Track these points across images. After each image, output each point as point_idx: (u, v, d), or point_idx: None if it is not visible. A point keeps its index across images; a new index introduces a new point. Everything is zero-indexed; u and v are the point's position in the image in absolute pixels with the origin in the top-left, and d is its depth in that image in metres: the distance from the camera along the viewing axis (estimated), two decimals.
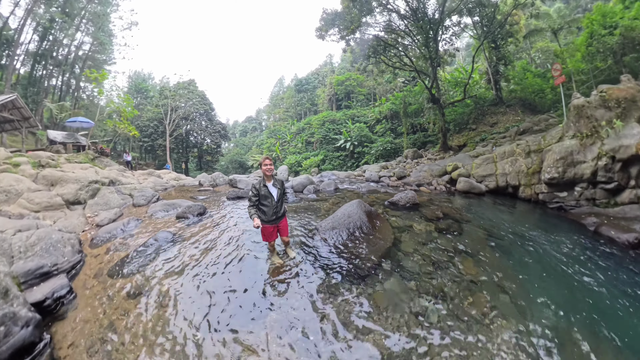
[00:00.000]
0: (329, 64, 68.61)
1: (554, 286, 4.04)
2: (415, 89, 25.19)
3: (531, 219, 7.43)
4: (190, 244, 5.20)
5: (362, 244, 4.72)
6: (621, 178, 6.94)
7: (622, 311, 3.55)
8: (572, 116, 9.03)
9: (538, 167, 9.03)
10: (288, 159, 35.79)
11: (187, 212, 6.77)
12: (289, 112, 64.67)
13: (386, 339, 2.89)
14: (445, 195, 9.92)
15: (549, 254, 4.99)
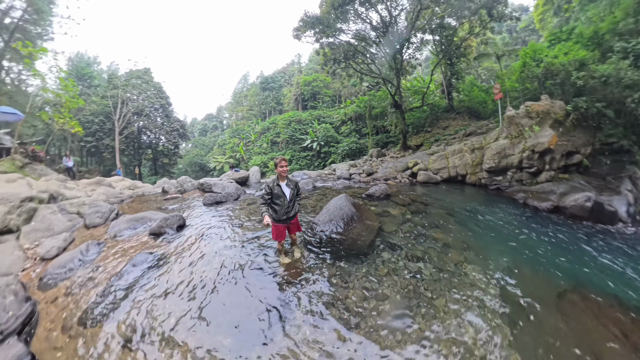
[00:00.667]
0: (297, 64, 68.40)
1: (499, 240, 5.81)
2: (378, 94, 27.48)
3: (477, 198, 9.55)
4: (180, 265, 4.40)
5: (356, 229, 5.38)
6: (539, 164, 9.59)
7: (544, 249, 5.49)
8: (506, 123, 11.52)
9: (480, 160, 11.36)
10: (253, 159, 34.97)
11: (163, 225, 5.79)
12: (253, 111, 63.38)
13: (398, 295, 3.61)
14: (409, 186, 11.65)
15: (493, 221, 6.90)
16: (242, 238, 5.29)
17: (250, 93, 68.03)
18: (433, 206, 7.71)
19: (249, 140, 43.86)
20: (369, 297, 3.57)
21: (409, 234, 5.58)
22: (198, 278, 4.04)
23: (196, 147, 66.28)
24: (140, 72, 41.03)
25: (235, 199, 8.77)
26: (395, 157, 18.88)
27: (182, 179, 12.07)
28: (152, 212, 7.00)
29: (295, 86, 50.70)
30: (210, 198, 8.39)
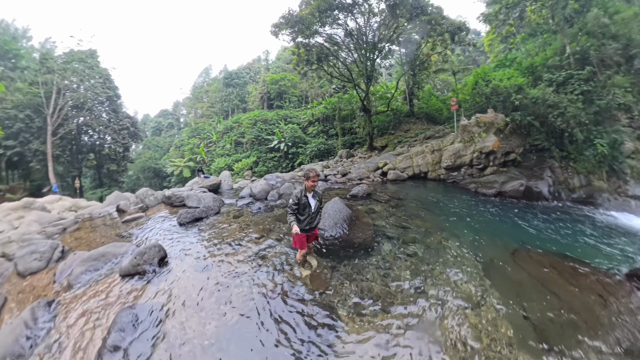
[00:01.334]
0: (264, 61, 66.97)
1: (462, 221, 7.50)
2: (345, 97, 29.20)
3: (439, 190, 11.49)
4: (186, 321, 3.39)
5: (358, 228, 6.01)
6: (485, 162, 12.17)
7: (494, 223, 7.45)
8: (460, 130, 13.75)
9: (439, 159, 13.49)
10: (216, 162, 32.97)
11: (139, 262, 4.44)
12: (214, 108, 60.63)
13: (408, 272, 4.50)
14: (381, 184, 13.10)
15: (454, 207, 8.72)
16: (248, 261, 4.74)
17: (212, 88, 65.06)
18: (407, 200, 9.14)
19: (210, 140, 41.25)
20: (388, 281, 4.28)
21: (397, 225, 6.59)
22: (226, 335, 3.18)
23: (149, 149, 59.09)
24: (84, 55, 33.41)
25: (216, 212, 7.68)
26: (363, 158, 20.48)
27: (142, 192, 9.96)
28: (114, 243, 5.44)
29: (262, 84, 49.83)
30: (187, 215, 7.09)
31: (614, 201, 10.15)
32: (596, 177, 11.20)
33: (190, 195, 8.82)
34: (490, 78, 14.95)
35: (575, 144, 11.88)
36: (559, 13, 14.44)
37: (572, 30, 14.40)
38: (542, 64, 15.05)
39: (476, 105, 15.63)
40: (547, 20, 15.35)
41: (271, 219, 6.93)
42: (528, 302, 3.89)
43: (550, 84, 13.46)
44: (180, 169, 39.28)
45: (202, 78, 78.33)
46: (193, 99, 71.98)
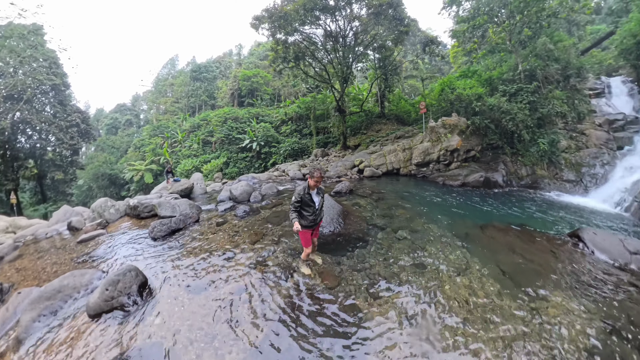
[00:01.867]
0: (237, 55, 64.27)
1: (436, 207, 8.71)
2: (319, 97, 30.09)
3: (411, 184, 12.84)
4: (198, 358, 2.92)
5: (352, 222, 6.59)
6: (450, 158, 13.91)
7: (462, 207, 8.76)
8: (429, 131, 15.27)
9: (410, 157, 14.92)
10: (182, 163, 30.84)
11: (113, 295, 3.64)
12: (180, 104, 57.14)
13: (403, 254, 5.18)
14: (359, 181, 14.09)
15: (427, 197, 10.04)
16: (248, 272, 4.45)
17: (177, 82, 60.93)
18: (386, 194, 10.20)
19: (174, 139, 38.27)
20: (390, 263, 4.87)
21: (383, 215, 7.36)
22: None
23: (103, 151, 51.29)
24: (26, 30, 26.78)
25: (195, 220, 6.98)
26: (338, 157, 21.41)
27: (99, 203, 8.39)
28: (72, 272, 4.32)
29: (233, 79, 48.17)
30: (162, 227, 6.21)
31: (553, 184, 12.84)
32: (539, 167, 13.76)
33: (162, 203, 7.65)
34: (455, 86, 16.82)
35: (522, 143, 14.28)
36: (515, 37, 16.81)
37: (524, 52, 16.79)
38: (498, 77, 17.23)
39: (441, 109, 17.43)
40: (505, 41, 17.64)
41: (261, 222, 6.72)
42: (502, 262, 5.01)
43: (504, 94, 15.54)
44: (140, 174, 34.80)
45: (167, 70, 72.52)
46: (156, 92, 66.13)
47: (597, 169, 12.60)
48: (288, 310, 3.68)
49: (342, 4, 18.39)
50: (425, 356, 3.04)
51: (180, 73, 64.99)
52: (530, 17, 15.92)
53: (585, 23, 24.80)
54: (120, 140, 58.01)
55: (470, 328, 3.41)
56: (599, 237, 5.84)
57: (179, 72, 67.41)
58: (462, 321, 3.51)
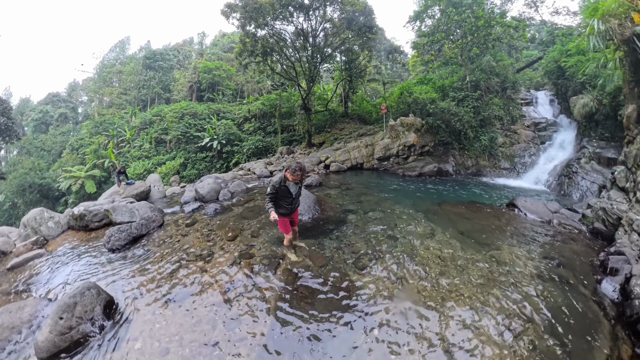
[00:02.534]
0: (199, 44, 59.81)
1: (398, 194, 10.01)
2: (285, 95, 30.57)
3: (374, 176, 14.26)
4: None
5: (328, 208, 7.40)
6: (408, 153, 15.62)
7: (420, 192, 10.33)
8: (389, 129, 16.83)
9: (372, 152, 16.39)
10: (132, 166, 27.81)
11: (71, 324, 2.99)
12: (128, 96, 51.20)
13: (379, 227, 6.03)
14: (326, 175, 15.00)
15: (390, 186, 11.36)
16: (234, 269, 4.35)
17: (127, 69, 54.11)
18: (354, 185, 11.36)
19: (122, 138, 34.14)
20: (368, 239, 5.52)
21: (354, 202, 8.34)
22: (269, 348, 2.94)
23: (30, 155, 43.27)
24: None
25: (159, 224, 6.40)
26: (303, 154, 22.07)
27: (33, 216, 6.71)
28: (6, 307, 3.50)
29: (193, 71, 45.34)
30: (120, 235, 5.48)
31: (493, 172, 15.79)
32: (481, 159, 16.59)
33: (117, 207, 6.76)
34: (413, 91, 19.00)
35: (468, 140, 16.93)
36: (465, 53, 19.79)
37: (472, 66, 19.69)
38: (449, 86, 19.80)
39: (400, 110, 19.44)
40: (457, 56, 20.48)
41: (236, 218, 6.61)
42: (460, 227, 6.24)
43: (454, 99, 18.00)
44: (80, 182, 29.36)
45: (115, 54, 63.38)
46: (99, 81, 57.63)
47: (526, 159, 15.96)
48: (286, 297, 3.69)
49: (317, 5, 19.27)
50: (419, 303, 3.67)
51: (131, 59, 57.83)
52: (479, 39, 18.93)
53: (522, 48, 29.76)
54: (52, 140, 48.11)
55: (448, 276, 4.27)
56: (529, 204, 7.66)
57: (130, 57, 59.75)
58: (440, 272, 4.40)
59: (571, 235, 5.94)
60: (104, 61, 62.14)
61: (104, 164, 31.21)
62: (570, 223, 6.57)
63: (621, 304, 3.64)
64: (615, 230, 5.44)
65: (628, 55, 7.40)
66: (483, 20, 18.16)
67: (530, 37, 29.41)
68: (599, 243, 5.54)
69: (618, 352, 3.02)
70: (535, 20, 32.88)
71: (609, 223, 5.73)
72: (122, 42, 64.57)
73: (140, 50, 61.21)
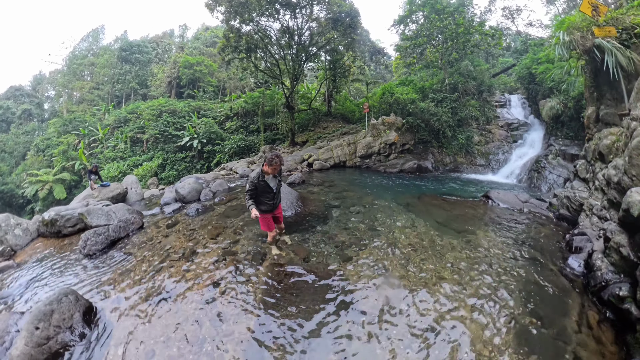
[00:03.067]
0: (179, 37, 57.34)
1: (379, 189, 10.43)
2: (268, 92, 30.55)
3: (356, 174, 14.70)
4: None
5: (310, 204, 7.50)
6: (389, 150, 16.29)
7: (400, 187, 10.90)
8: (371, 128, 17.36)
9: (354, 150, 16.89)
10: (106, 168, 26.29)
11: (49, 334, 2.83)
12: (101, 91, 48.38)
13: (362, 224, 6.06)
14: (309, 174, 15.16)
15: (371, 182, 11.83)
16: (217, 267, 4.34)
17: (100, 61, 50.60)
18: (336, 182, 11.62)
19: (94, 137, 32.43)
20: (351, 231, 5.76)
21: (337, 197, 8.63)
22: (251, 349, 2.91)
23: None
24: None
25: (139, 227, 6.23)
26: (287, 152, 22.09)
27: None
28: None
29: (172, 65, 43.58)
30: (97, 238, 5.24)
31: (470, 168, 16.81)
32: (459, 156, 17.57)
33: (92, 210, 6.44)
34: (394, 92, 19.76)
35: (446, 138, 17.88)
36: (445, 57, 20.79)
37: (451, 70, 20.80)
38: (429, 87, 20.73)
39: (382, 110, 20.15)
40: (438, 60, 21.48)
41: (218, 217, 6.58)
42: (438, 218, 6.62)
43: (433, 100, 18.91)
44: (48, 187, 27.73)
45: (88, 44, 58.82)
46: (69, 73, 53.22)
47: (500, 156, 17.10)
48: (271, 290, 3.74)
49: (304, 4, 19.58)
50: (401, 288, 3.86)
51: (105, 50, 53.96)
52: (459, 45, 20.05)
53: (498, 55, 31.86)
54: (14, 141, 44.47)
55: (428, 261, 4.54)
56: (501, 195, 8.30)
57: (104, 48, 55.53)
58: (421, 259, 4.60)
59: (540, 221, 6.48)
60: (75, 52, 57.96)
61: (74, 167, 29.39)
62: (539, 211, 7.16)
63: (585, 276, 4.10)
64: (578, 215, 6.01)
65: (589, 63, 8.25)
66: (463, 28, 19.27)
67: (506, 45, 31.43)
68: (564, 227, 6.10)
69: (586, 317, 3.40)
70: (511, 31, 35.43)
71: (572, 209, 6.33)
72: (96, 31, 60.11)
73: (115, 41, 57.84)
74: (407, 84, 22.32)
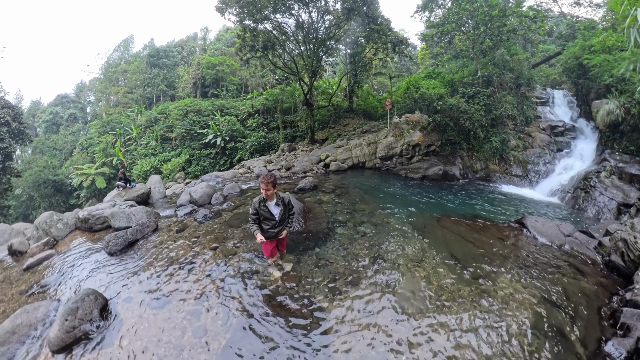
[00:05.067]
0: (202, 40, 60.33)
1: (397, 200, 9.49)
2: (288, 89, 29.95)
3: (375, 177, 13.68)
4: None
5: (312, 220, 6.90)
6: (412, 152, 14.89)
7: (421, 199, 9.57)
8: (392, 126, 16.12)
9: (375, 151, 15.69)
10: (139, 164, 28.55)
11: (74, 325, 3.59)
12: (134, 94, 51.89)
13: (365, 250, 5.45)
14: (325, 175, 14.47)
15: (389, 189, 10.82)
16: (210, 279, 4.56)
17: (132, 68, 54.73)
18: (350, 188, 10.49)
19: (129, 136, 35.29)
20: (349, 260, 5.13)
21: (345, 211, 7.73)
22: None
23: (43, 154, 45.90)
24: None
25: (154, 229, 6.75)
26: (305, 151, 21.52)
27: (44, 219, 7.37)
28: (24, 308, 4.05)
29: (196, 67, 45.40)
30: (117, 240, 5.94)
31: (503, 178, 14.66)
32: (491, 162, 15.46)
33: (116, 213, 7.20)
34: (420, 86, 18.04)
35: (477, 140, 15.87)
36: (478, 46, 18.63)
37: (484, 60, 18.49)
38: (459, 81, 18.79)
39: (406, 106, 18.58)
40: (468, 49, 19.37)
41: (221, 226, 6.68)
42: (455, 251, 5.50)
43: (464, 96, 17.01)
44: (91, 179, 32.14)
45: (120, 53, 64.42)
46: (105, 80, 58.56)
47: (541, 167, 14.64)
48: (251, 312, 3.90)
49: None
50: (385, 348, 3.28)
51: (136, 57, 58.68)
52: (493, 31, 17.74)
53: (539, 42, 28.00)
54: (63, 140, 51.07)
55: (426, 316, 3.76)
56: (540, 224, 6.67)
57: (134, 56, 60.45)
58: (418, 311, 3.84)
59: (583, 268, 5.12)
60: (109, 61, 63.24)
61: (112, 162, 33.09)
62: (584, 251, 5.72)
63: None
64: (635, 270, 4.58)
65: None
66: (497, 10, 16.95)
67: (548, 29, 27.99)
68: (614, 281, 4.73)
69: None
70: (554, 12, 31.22)
71: (629, 259, 4.83)
72: (126, 41, 65.76)
73: (144, 48, 61.99)
74: (434, 77, 20.56)
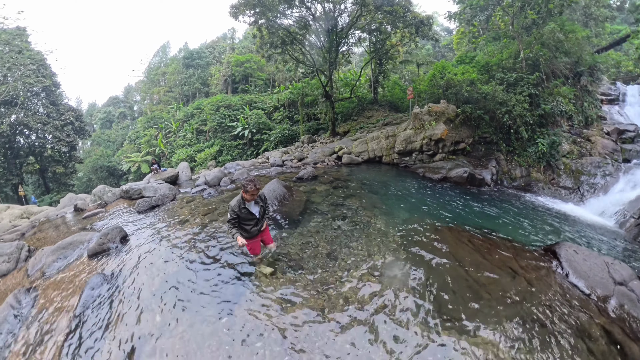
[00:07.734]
0: (230, 39, 63.41)
1: (402, 201, 8.24)
2: (312, 82, 29.15)
3: (390, 173, 12.27)
4: (145, 273, 4.38)
5: (288, 204, 7.07)
6: (434, 149, 13.09)
7: (432, 204, 8.03)
8: (412, 118, 14.38)
9: (393, 145, 14.13)
10: (177, 153, 31.90)
11: (104, 242, 5.35)
12: (173, 93, 56.80)
13: (321, 244, 5.12)
14: (336, 168, 13.61)
15: (399, 188, 9.52)
16: (193, 231, 5.77)
17: (170, 70, 59.85)
18: (352, 182, 9.86)
19: (169, 130, 39.62)
20: (305, 248, 5.02)
21: (331, 203, 7.42)
22: (171, 284, 4.04)
23: (99, 145, 55.93)
24: (10, 35, 28.06)
25: (171, 199, 8.71)
26: (324, 143, 20.82)
27: (99, 189, 10.95)
28: (79, 234, 6.06)
29: (226, 65, 47.77)
30: (144, 204, 8.01)
31: (547, 190, 12.22)
32: (535, 169, 12.94)
33: (147, 187, 9.70)
34: (446, 72, 15.77)
35: (520, 141, 13.29)
36: (520, 21, 15.47)
37: (528, 38, 15.37)
38: (497, 64, 16.11)
39: (433, 95, 16.41)
40: (508, 26, 16.43)
41: (218, 201, 8.02)
42: (441, 282, 3.92)
43: (502, 82, 14.36)
44: (137, 165, 37.79)
45: (159, 57, 71.14)
46: (148, 82, 65.83)
47: (598, 179, 11.89)
48: (205, 252, 4.96)
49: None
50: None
51: (173, 60, 63.91)
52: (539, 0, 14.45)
53: (605, 19, 22.57)
54: (115, 134, 60.18)
55: None
56: (580, 257, 4.51)
57: (171, 59, 66.01)
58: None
59: (632, 348, 3.08)
60: (150, 65, 70.57)
61: (155, 152, 38.51)
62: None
63: None
64: None
65: None
66: None
67: (618, 2, 23.13)
68: None
69: None
70: None
71: None
72: (164, 46, 72.75)
73: (179, 51, 67.64)
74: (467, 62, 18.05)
